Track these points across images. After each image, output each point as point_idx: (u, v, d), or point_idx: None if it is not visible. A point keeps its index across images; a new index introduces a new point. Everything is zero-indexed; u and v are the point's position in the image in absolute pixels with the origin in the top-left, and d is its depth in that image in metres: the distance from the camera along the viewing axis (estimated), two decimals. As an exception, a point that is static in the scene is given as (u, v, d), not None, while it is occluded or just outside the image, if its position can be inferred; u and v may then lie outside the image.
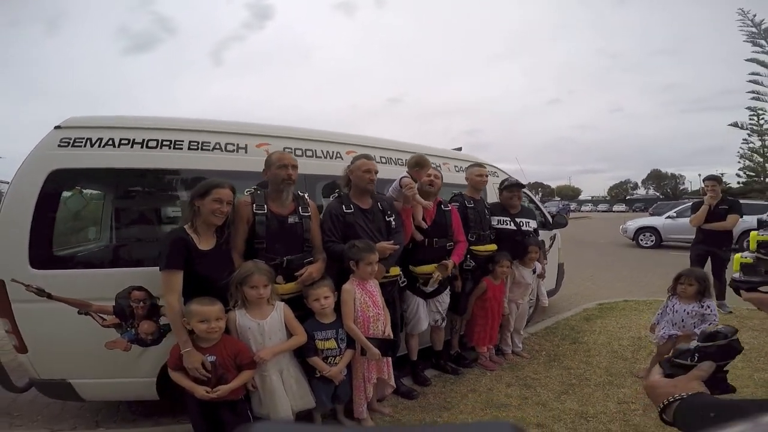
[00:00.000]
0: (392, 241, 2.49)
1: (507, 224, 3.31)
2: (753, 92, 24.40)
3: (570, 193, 75.07)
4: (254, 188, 2.32)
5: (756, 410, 0.59)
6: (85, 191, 2.27)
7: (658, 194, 74.35)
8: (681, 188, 75.91)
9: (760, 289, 0.97)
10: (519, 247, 3.27)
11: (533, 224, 3.45)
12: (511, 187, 3.36)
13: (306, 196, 2.38)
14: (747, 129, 26.24)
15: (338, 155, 2.86)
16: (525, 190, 3.68)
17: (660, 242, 11.75)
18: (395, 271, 2.60)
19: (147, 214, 2.43)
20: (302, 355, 2.21)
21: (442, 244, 2.82)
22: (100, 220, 2.35)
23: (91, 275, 2.14)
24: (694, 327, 2.75)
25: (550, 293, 4.65)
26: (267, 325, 2.05)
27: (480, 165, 3.30)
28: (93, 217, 2.33)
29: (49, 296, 2.06)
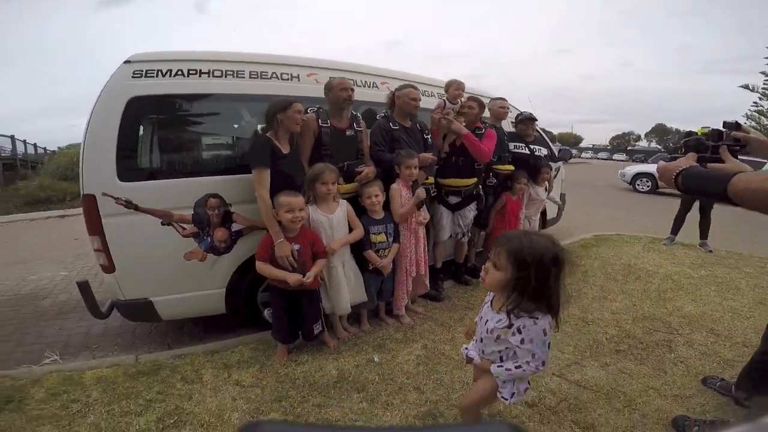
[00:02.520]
0: (431, 153, 2.89)
1: (522, 149, 3.72)
2: None
3: (571, 140, 74.08)
4: (318, 107, 2.61)
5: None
6: (162, 114, 2.47)
7: (659, 147, 73.59)
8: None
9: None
10: (533, 169, 3.71)
11: (544, 151, 3.86)
12: (525, 120, 3.74)
13: (359, 115, 2.73)
14: (759, 92, 25.45)
15: (374, 85, 3.19)
16: (536, 127, 4.02)
17: (656, 188, 12.17)
18: (431, 179, 3.05)
19: (217, 129, 2.72)
20: (358, 250, 2.61)
21: (467, 162, 3.18)
22: (177, 138, 2.55)
23: (174, 185, 2.37)
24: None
25: (552, 222, 5.15)
26: (335, 219, 2.44)
27: (502, 99, 3.68)
28: (172, 134, 2.52)
29: (137, 208, 2.27)
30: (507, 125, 4.05)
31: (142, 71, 2.29)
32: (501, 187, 3.63)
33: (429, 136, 3.03)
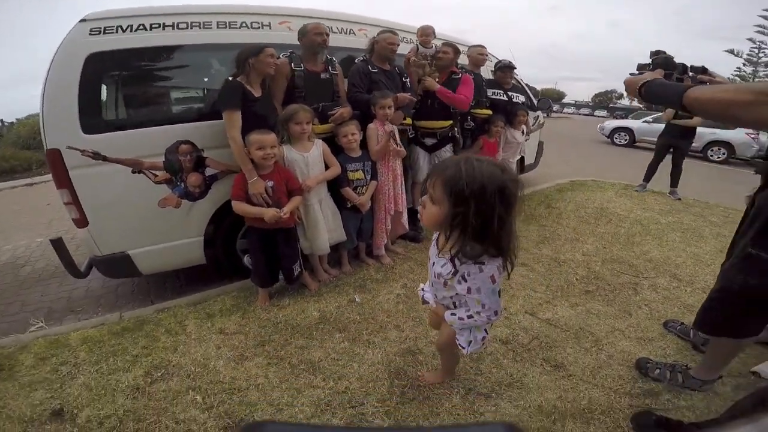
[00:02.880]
0: (410, 97, 2.91)
1: (500, 96, 3.77)
2: (760, 26, 23.24)
3: (555, 96, 73.65)
4: (290, 51, 2.56)
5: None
6: (124, 67, 2.36)
7: (641, 106, 73.75)
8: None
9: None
10: (510, 114, 3.77)
11: (522, 98, 3.92)
12: (504, 68, 3.79)
13: (334, 59, 2.69)
14: (743, 58, 25.40)
15: (351, 32, 3.14)
16: (516, 76, 4.09)
17: (633, 142, 12.51)
18: (408, 120, 3.07)
19: (184, 78, 2.62)
20: (336, 188, 2.63)
21: (442, 105, 3.19)
22: (143, 89, 2.47)
23: (142, 134, 2.32)
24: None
25: (530, 168, 5.26)
26: (310, 157, 2.44)
27: (482, 46, 3.69)
28: (136, 86, 2.44)
29: (105, 158, 2.22)
30: (487, 73, 4.05)
31: (101, 28, 2.19)
32: (478, 131, 3.68)
33: (407, 79, 3.05)
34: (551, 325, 2.27)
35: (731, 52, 24.91)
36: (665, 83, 1.18)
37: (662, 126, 5.28)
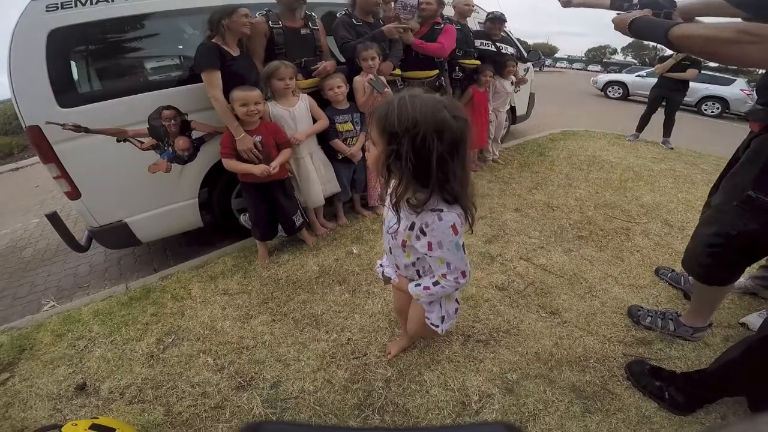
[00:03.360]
0: (396, 47, 2.89)
1: (489, 47, 3.74)
2: None
3: (546, 51, 71.71)
4: (266, 10, 2.47)
5: None
6: (93, 41, 2.26)
7: (635, 61, 72.21)
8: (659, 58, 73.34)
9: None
10: (498, 64, 3.74)
11: (511, 49, 3.86)
12: (494, 19, 3.74)
13: (314, 15, 2.61)
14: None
15: None
16: (505, 29, 4.00)
17: (627, 95, 12.43)
18: (397, 71, 3.01)
19: (159, 47, 2.52)
20: (326, 141, 2.62)
21: (427, 55, 3.14)
22: (116, 59, 2.38)
23: (121, 103, 2.27)
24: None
25: (522, 119, 5.26)
26: (296, 112, 2.41)
27: None
28: (109, 57, 2.35)
29: (87, 130, 2.19)
30: (474, 25, 3.99)
31: (57, 4, 2.08)
32: (467, 81, 3.66)
33: None
34: (546, 271, 2.31)
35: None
36: (653, 20, 1.23)
37: (654, 80, 5.24)
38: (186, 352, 1.86)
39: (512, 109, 4.82)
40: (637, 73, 12.73)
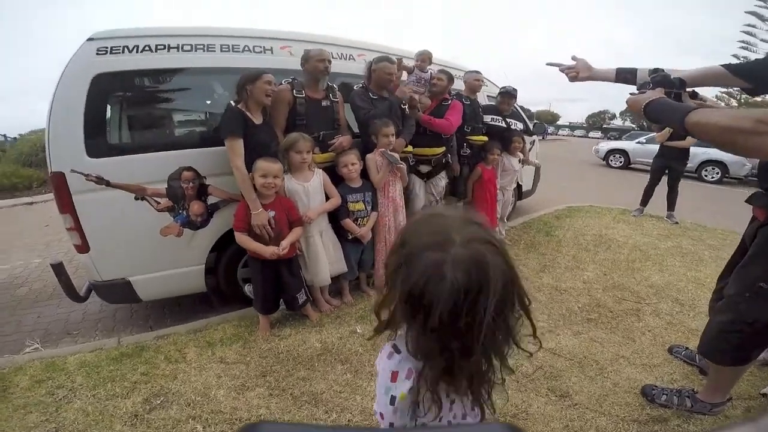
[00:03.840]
0: (409, 124, 2.98)
1: (498, 122, 3.81)
2: (743, 42, 23.99)
3: (549, 118, 74.90)
4: (292, 78, 2.58)
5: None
6: (130, 89, 2.39)
7: (634, 126, 75.30)
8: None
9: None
10: (507, 141, 3.81)
11: (520, 125, 3.96)
12: (505, 95, 3.83)
13: (335, 86, 2.72)
14: None
15: (351, 57, 3.18)
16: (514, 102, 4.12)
17: (628, 164, 12.62)
18: (409, 148, 3.09)
19: (188, 103, 2.66)
20: (336, 219, 2.63)
21: (434, 132, 3.22)
22: (147, 112, 2.50)
23: (146, 159, 2.33)
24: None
25: (527, 194, 5.31)
26: (311, 187, 2.45)
27: (477, 72, 3.73)
28: (141, 110, 2.47)
29: (108, 184, 2.23)
30: (483, 98, 4.12)
31: (107, 48, 2.22)
32: (475, 158, 3.70)
33: (406, 107, 3.05)
34: (555, 354, 2.26)
35: None
36: (668, 104, 1.19)
37: (656, 147, 5.37)
38: (174, 416, 1.78)
39: (518, 186, 4.88)
40: (637, 140, 12.97)
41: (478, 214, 0.69)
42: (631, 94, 1.32)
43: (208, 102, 2.78)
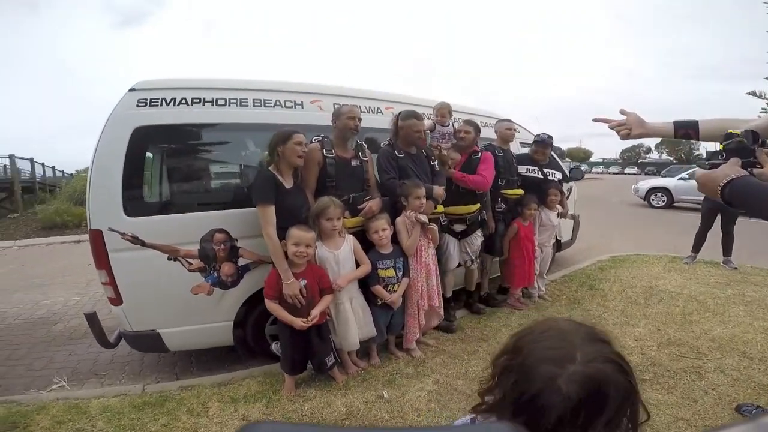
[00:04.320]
0: (443, 186, 2.84)
1: (535, 173, 3.63)
2: None
3: (581, 156, 73.38)
4: (322, 136, 2.58)
5: None
6: (165, 144, 2.48)
7: (671, 159, 72.57)
8: (695, 154, 73.41)
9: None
10: (544, 193, 3.61)
11: (558, 175, 3.75)
12: (540, 143, 3.64)
13: (364, 144, 2.69)
14: (766, 99, 24.93)
15: (378, 110, 3.16)
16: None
17: (671, 203, 11.92)
18: (440, 208, 2.96)
19: (222, 162, 2.70)
20: (366, 284, 2.55)
21: (468, 188, 3.10)
22: (181, 170, 2.55)
23: (180, 220, 2.37)
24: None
25: (567, 245, 5.02)
26: (341, 255, 2.40)
27: (509, 120, 3.60)
28: (175, 168, 2.53)
29: (143, 244, 2.26)
30: (515, 146, 3.99)
31: (147, 100, 2.30)
32: (511, 213, 3.52)
33: (435, 163, 2.96)
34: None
35: (753, 94, 24.19)
36: (756, 187, 0.94)
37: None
38: (190, 470, 1.69)
39: (557, 239, 4.60)
40: (679, 176, 12.26)
41: (603, 331, 0.68)
42: (699, 166, 1.15)
43: (240, 160, 2.82)
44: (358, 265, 2.49)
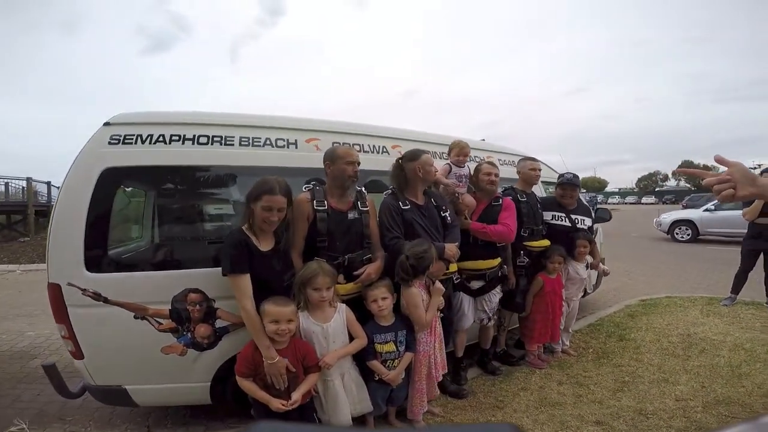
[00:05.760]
0: (457, 243, 2.46)
1: (562, 220, 3.22)
2: None
3: (596, 185, 72.75)
4: (312, 183, 2.27)
5: None
6: (136, 190, 2.29)
7: (689, 186, 71.37)
8: (745, 197, 71.74)
9: None
10: (573, 243, 3.19)
11: (588, 221, 3.31)
12: (566, 185, 3.22)
13: (364, 190, 2.35)
14: None
15: (384, 150, 2.83)
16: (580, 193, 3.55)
17: (697, 236, 11.32)
18: (453, 267, 2.56)
19: (201, 213, 2.40)
20: (362, 358, 2.19)
21: (488, 241, 2.73)
22: (152, 221, 2.33)
23: (148, 278, 2.12)
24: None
25: (591, 290, 4.56)
26: (331, 328, 2.04)
27: (533, 159, 3.23)
28: (146, 218, 2.31)
29: (106, 300, 2.05)
30: (538, 187, 3.57)
31: (120, 136, 2.10)
32: (534, 267, 3.11)
33: (447, 213, 2.55)
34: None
35: None
36: None
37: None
38: None
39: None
40: (704, 207, 11.66)
41: None
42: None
43: (222, 210, 2.54)
44: (352, 337, 2.13)
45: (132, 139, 2.11)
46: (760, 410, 2.43)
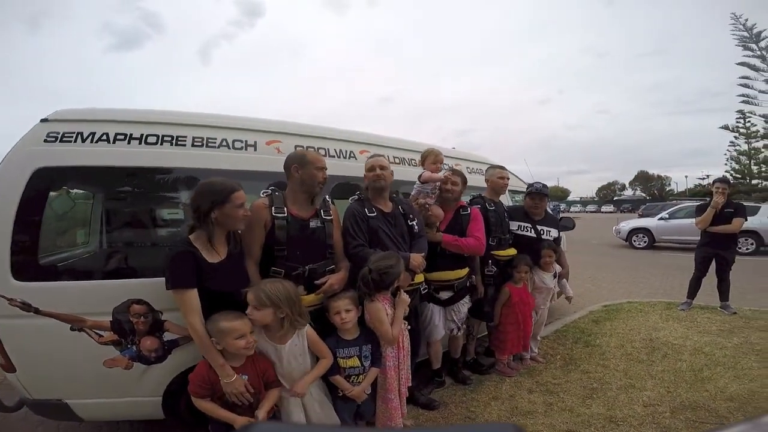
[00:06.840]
0: (423, 254, 2.36)
1: (528, 231, 3.21)
2: (743, 95, 24.94)
3: (559, 194, 75.69)
4: (271, 189, 2.10)
5: None
6: (73, 192, 2.06)
7: (645, 195, 75.63)
8: (667, 189, 77.12)
9: None
10: (538, 253, 3.18)
11: (554, 233, 3.31)
12: (535, 195, 3.21)
13: (328, 199, 2.21)
14: (735, 132, 26.83)
15: (351, 154, 2.71)
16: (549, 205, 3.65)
17: (653, 243, 12.00)
18: (420, 278, 2.45)
19: (145, 218, 2.20)
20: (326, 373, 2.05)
21: (459, 252, 2.67)
22: (90, 226, 2.13)
23: (84, 288, 1.92)
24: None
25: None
26: (285, 351, 1.86)
27: (501, 167, 3.20)
28: (83, 223, 2.10)
29: (37, 311, 1.85)
30: (505, 198, 3.60)
31: (58, 134, 1.90)
32: (502, 275, 3.08)
33: (414, 222, 2.45)
34: None
35: (726, 128, 25.75)
36: None
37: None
38: None
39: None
40: (659, 216, 12.33)
41: None
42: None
43: (170, 216, 2.35)
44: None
45: (71, 137, 1.91)
46: (725, 414, 2.46)
